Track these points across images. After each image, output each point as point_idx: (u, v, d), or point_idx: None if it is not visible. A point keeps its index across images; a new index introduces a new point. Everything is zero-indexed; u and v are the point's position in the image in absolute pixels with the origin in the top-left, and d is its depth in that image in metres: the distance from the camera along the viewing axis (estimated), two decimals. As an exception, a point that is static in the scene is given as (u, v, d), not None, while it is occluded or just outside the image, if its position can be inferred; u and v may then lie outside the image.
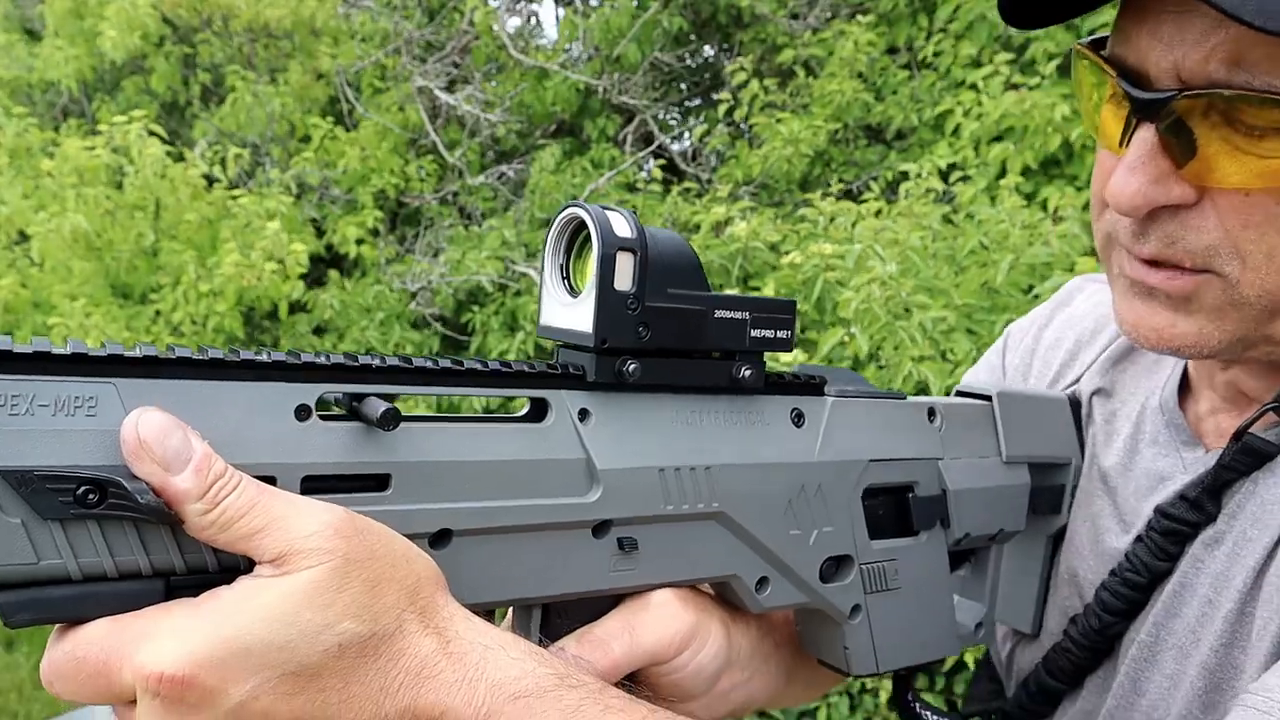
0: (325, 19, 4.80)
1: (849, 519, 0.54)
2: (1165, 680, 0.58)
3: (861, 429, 0.54)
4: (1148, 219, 0.51)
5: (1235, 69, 0.46)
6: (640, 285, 0.44)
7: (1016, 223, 2.62)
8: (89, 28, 4.63)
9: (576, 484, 0.44)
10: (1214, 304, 0.52)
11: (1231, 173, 0.48)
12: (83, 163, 3.78)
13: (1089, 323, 0.73)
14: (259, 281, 3.66)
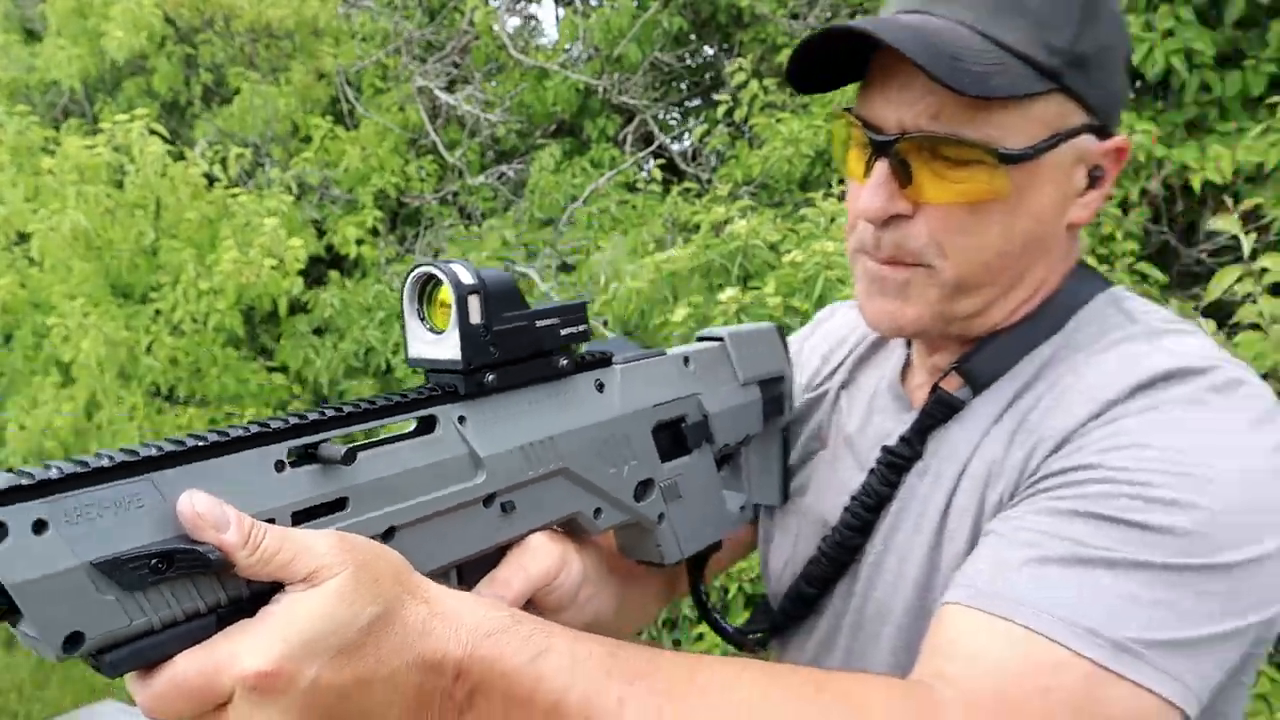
0: (327, 19, 4.81)
1: (646, 452, 0.71)
2: (891, 579, 0.77)
3: (643, 384, 0.71)
4: (882, 228, 0.71)
5: (934, 121, 0.67)
6: (487, 317, 0.58)
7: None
8: (92, 27, 4.63)
9: (467, 472, 0.59)
10: (924, 288, 0.72)
11: (935, 193, 0.69)
12: (83, 161, 3.78)
13: (842, 332, 0.95)
14: (258, 278, 3.66)
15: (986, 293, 0.73)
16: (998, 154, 0.67)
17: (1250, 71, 3.16)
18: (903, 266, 0.72)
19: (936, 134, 0.67)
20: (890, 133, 0.69)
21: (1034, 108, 0.68)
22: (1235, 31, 3.25)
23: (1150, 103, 3.40)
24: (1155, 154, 3.09)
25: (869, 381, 0.88)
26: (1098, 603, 0.59)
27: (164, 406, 3.94)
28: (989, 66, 0.65)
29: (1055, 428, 0.67)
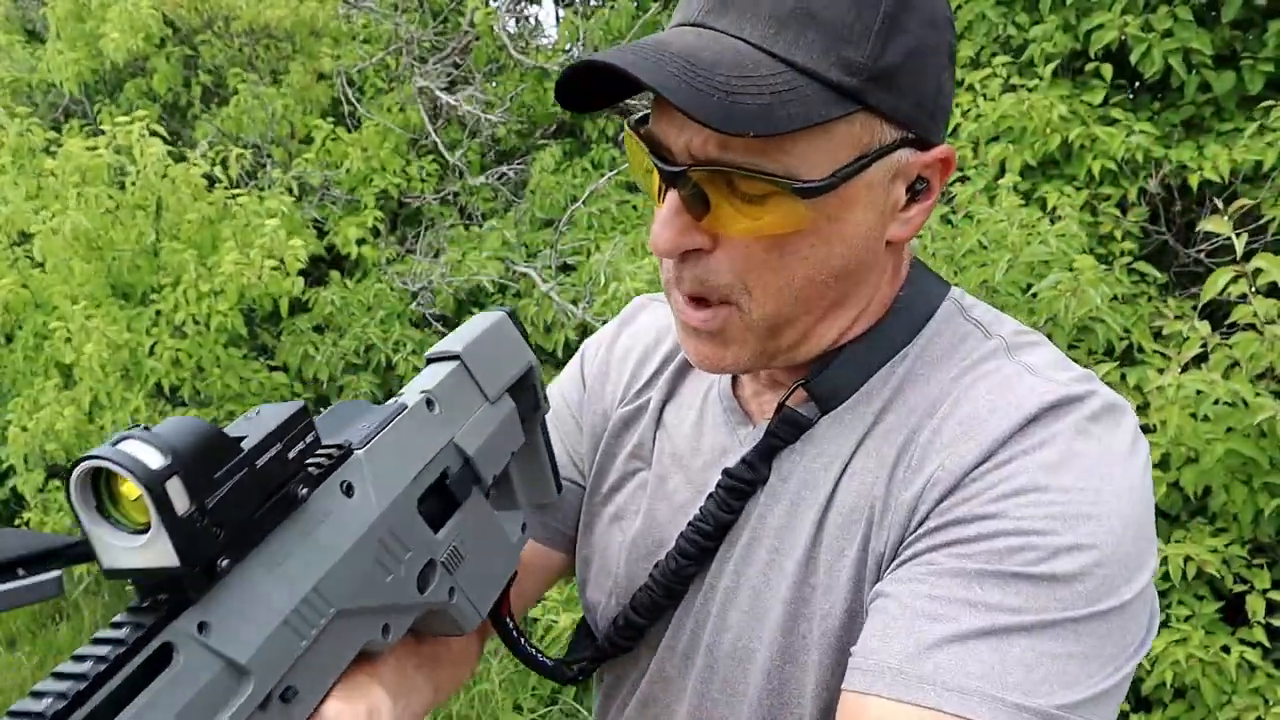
0: (326, 20, 4.82)
1: (418, 536, 0.59)
2: (744, 615, 0.72)
3: (394, 460, 0.58)
4: (682, 261, 0.64)
5: (723, 150, 0.60)
6: (196, 496, 0.44)
7: (1015, 222, 2.63)
8: (91, 29, 4.64)
9: (230, 688, 0.46)
10: (737, 329, 0.66)
11: (734, 226, 0.62)
12: (85, 162, 3.79)
13: (650, 336, 0.87)
14: (259, 279, 3.67)
15: (803, 323, 0.67)
16: (793, 188, 0.60)
17: (1248, 71, 3.17)
18: (709, 309, 0.66)
19: (727, 165, 0.60)
20: (679, 160, 0.62)
21: (836, 130, 0.60)
22: (1232, 32, 3.26)
23: (1148, 103, 3.41)
24: (1153, 154, 3.10)
25: (693, 391, 0.81)
26: (1021, 672, 0.57)
27: (166, 408, 3.95)
28: (774, 95, 0.57)
29: (947, 469, 0.63)
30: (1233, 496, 2.28)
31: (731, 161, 0.60)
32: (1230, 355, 2.23)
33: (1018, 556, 0.59)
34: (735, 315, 0.65)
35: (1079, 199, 2.99)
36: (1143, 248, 3.17)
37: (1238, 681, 2.22)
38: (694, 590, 0.76)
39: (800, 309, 0.66)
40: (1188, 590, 2.40)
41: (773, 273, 0.63)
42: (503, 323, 0.71)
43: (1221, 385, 2.14)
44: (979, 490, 0.61)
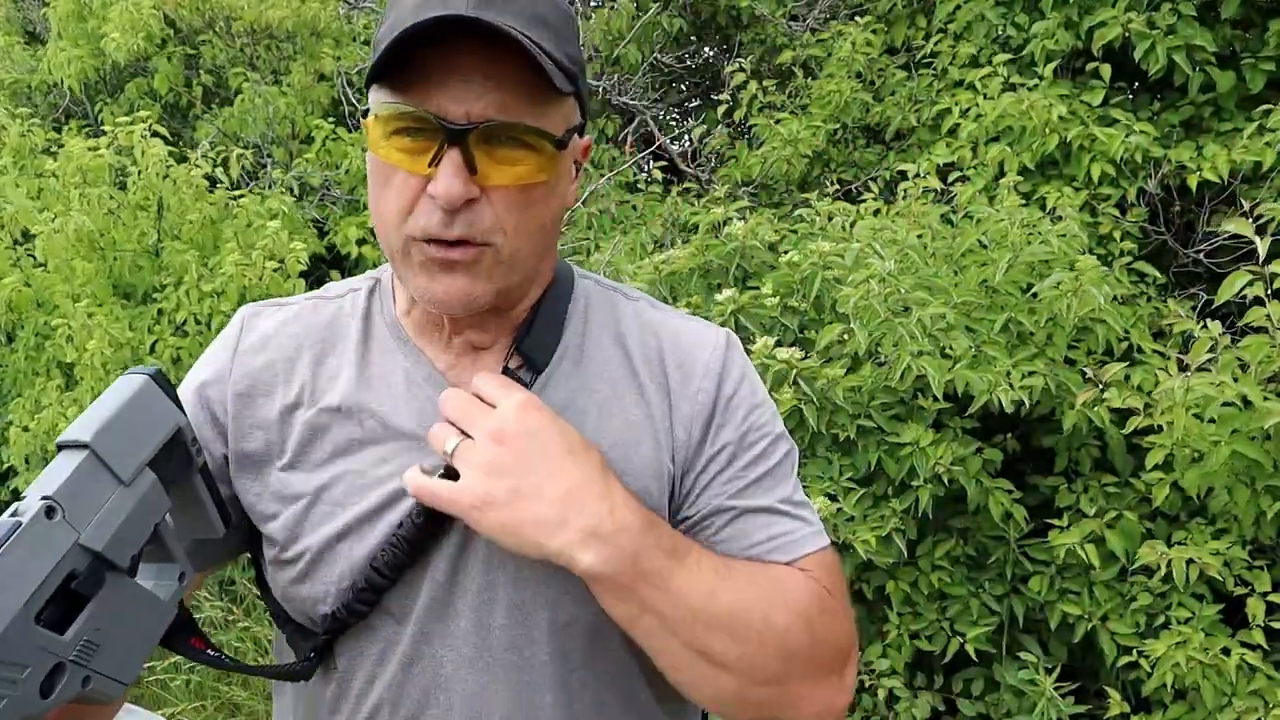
0: (327, 20, 4.82)
1: (38, 651, 0.57)
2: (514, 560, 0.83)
3: (12, 587, 0.56)
4: (453, 212, 0.75)
5: (503, 112, 0.74)
6: None
7: (1015, 221, 2.62)
8: (92, 29, 4.65)
9: None
10: (490, 266, 0.79)
11: (498, 177, 0.75)
12: (86, 163, 3.79)
13: (286, 340, 0.90)
14: (260, 280, 3.67)
15: (530, 266, 0.83)
16: (554, 140, 0.77)
17: (1248, 70, 3.17)
18: (468, 247, 0.77)
19: (508, 123, 0.74)
20: (461, 123, 0.73)
21: (565, 103, 0.79)
22: (1233, 31, 3.26)
23: (1147, 103, 3.41)
24: (1152, 154, 3.10)
25: (383, 378, 0.87)
26: (812, 514, 0.89)
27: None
28: (550, 66, 0.73)
29: (700, 402, 0.87)
30: (1235, 498, 2.27)
31: (510, 120, 0.74)
32: (1239, 357, 2.22)
33: (777, 449, 0.89)
34: (490, 253, 0.78)
35: (1078, 199, 2.99)
36: (1142, 248, 3.17)
37: (1238, 683, 2.22)
38: (446, 542, 0.84)
39: (532, 251, 0.81)
40: (1188, 592, 2.40)
41: (523, 214, 0.78)
42: (144, 389, 0.69)
43: (1231, 388, 2.14)
44: (733, 416, 0.88)
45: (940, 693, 2.67)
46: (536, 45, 0.72)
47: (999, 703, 2.58)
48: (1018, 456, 2.72)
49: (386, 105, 0.75)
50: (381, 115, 0.76)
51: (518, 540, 0.73)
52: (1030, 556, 2.59)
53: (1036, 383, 2.38)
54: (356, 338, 0.89)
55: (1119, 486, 2.59)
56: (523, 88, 0.74)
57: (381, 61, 0.72)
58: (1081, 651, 2.61)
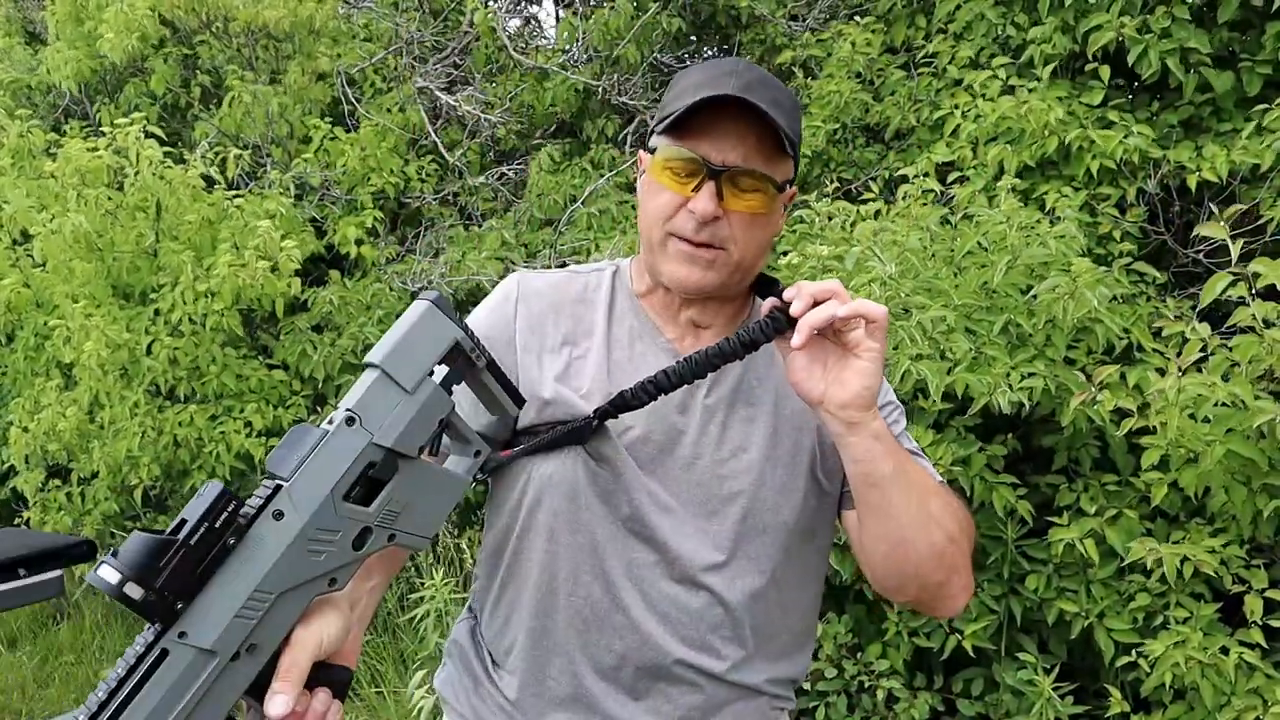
0: (324, 20, 4.81)
1: (347, 519, 0.79)
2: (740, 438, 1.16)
3: (315, 482, 0.77)
4: (704, 224, 1.06)
5: (746, 160, 1.05)
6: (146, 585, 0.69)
7: (1014, 224, 2.63)
8: (89, 30, 4.64)
9: (206, 662, 0.72)
10: (723, 264, 1.09)
11: (738, 205, 1.06)
12: (85, 164, 3.79)
13: (542, 307, 1.18)
14: (254, 280, 3.67)
15: (749, 271, 1.12)
16: (775, 184, 1.07)
17: (1246, 72, 3.17)
18: (710, 249, 1.07)
19: (745, 169, 1.05)
20: (718, 165, 1.05)
21: (784, 162, 1.09)
22: (1230, 33, 3.26)
23: (1146, 103, 3.41)
24: (1151, 155, 3.10)
25: (620, 334, 1.17)
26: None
27: (165, 405, 3.96)
28: (783, 137, 1.04)
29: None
30: (1232, 498, 2.28)
31: (751, 167, 1.06)
32: (1230, 357, 2.22)
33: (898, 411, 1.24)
34: (723, 255, 1.08)
35: (1078, 200, 2.99)
36: (1141, 248, 3.17)
37: (1236, 682, 2.22)
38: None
39: (753, 260, 1.11)
40: (1185, 591, 2.41)
41: (751, 233, 1.08)
42: (425, 314, 0.85)
43: (1222, 388, 2.14)
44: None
45: (940, 693, 2.68)
46: (776, 121, 1.02)
47: (998, 703, 2.59)
48: (1019, 456, 2.73)
49: (671, 147, 1.07)
50: (666, 154, 1.08)
51: (871, 380, 0.97)
52: (1028, 556, 2.60)
53: (1036, 384, 2.39)
54: (604, 307, 1.18)
55: (1119, 486, 2.60)
56: (761, 147, 1.05)
57: (677, 120, 1.04)
58: (1080, 651, 2.61)
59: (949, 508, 1.06)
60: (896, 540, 1.03)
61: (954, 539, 1.04)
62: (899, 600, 1.13)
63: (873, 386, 0.98)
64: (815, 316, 0.96)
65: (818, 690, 2.66)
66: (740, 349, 1.03)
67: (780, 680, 1.18)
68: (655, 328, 1.17)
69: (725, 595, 1.11)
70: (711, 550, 1.11)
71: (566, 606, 1.11)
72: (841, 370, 0.99)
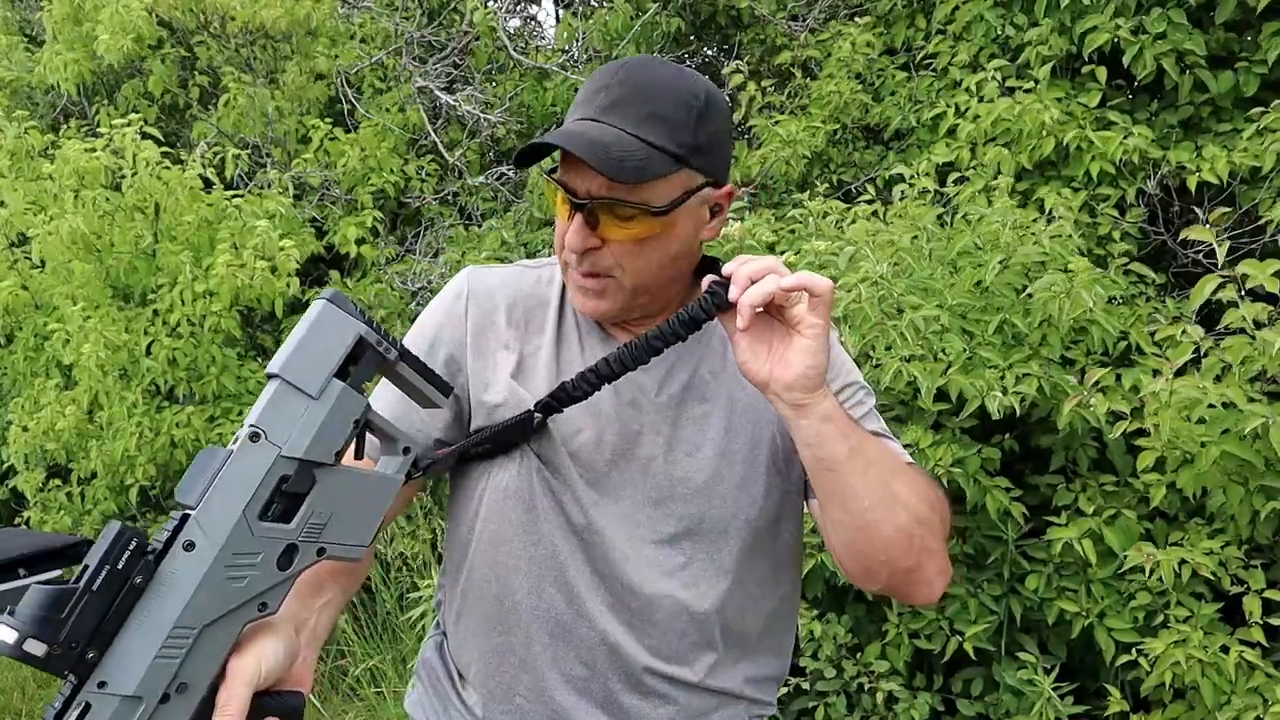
0: (321, 19, 4.80)
1: (265, 539, 0.75)
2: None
3: (222, 506, 0.73)
4: (583, 254, 1.03)
5: (608, 190, 0.99)
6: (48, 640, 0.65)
7: (1008, 223, 2.63)
8: (86, 31, 4.64)
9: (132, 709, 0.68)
10: (614, 292, 1.05)
11: (614, 233, 1.01)
12: (82, 165, 3.79)
13: (508, 292, 1.16)
14: (252, 281, 3.67)
15: (657, 291, 1.08)
16: (650, 211, 1.00)
17: (1243, 73, 3.17)
18: (596, 278, 1.04)
19: (610, 199, 0.99)
20: (582, 197, 1.00)
21: (673, 178, 1.00)
22: (1227, 34, 3.26)
23: (1145, 103, 3.41)
24: (1151, 155, 3.10)
25: (568, 330, 1.14)
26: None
27: (164, 405, 3.96)
28: (640, 160, 0.97)
29: None
30: (1229, 498, 2.28)
31: (614, 197, 1.00)
32: (1222, 359, 2.22)
33: (863, 395, 1.19)
34: (613, 283, 1.05)
35: (1077, 200, 2.99)
36: (1141, 248, 3.17)
37: (1237, 682, 2.22)
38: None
39: (654, 281, 1.06)
40: (1186, 591, 2.41)
41: (637, 259, 1.04)
42: (323, 313, 0.80)
43: (1214, 390, 2.14)
44: (836, 372, 1.16)
45: (940, 693, 2.68)
46: (641, 140, 0.98)
47: (998, 703, 2.59)
48: (1016, 456, 2.73)
49: (550, 177, 1.04)
50: (550, 178, 1.04)
51: (814, 358, 0.93)
52: (1028, 555, 2.60)
53: (1031, 385, 2.39)
54: (555, 303, 1.15)
55: (1117, 486, 2.60)
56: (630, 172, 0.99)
57: (528, 151, 1.01)
58: (1080, 651, 2.61)
59: (915, 488, 1.01)
60: (858, 525, 0.98)
61: (923, 520, 0.99)
62: (871, 588, 1.09)
63: (817, 365, 0.93)
64: (754, 294, 0.90)
65: (817, 690, 2.66)
66: (681, 328, 0.98)
67: (759, 680, 1.16)
68: (601, 328, 1.13)
69: (688, 600, 1.08)
70: (671, 554, 1.08)
71: (530, 620, 1.08)
72: (785, 350, 0.94)
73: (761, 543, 1.11)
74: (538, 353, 1.11)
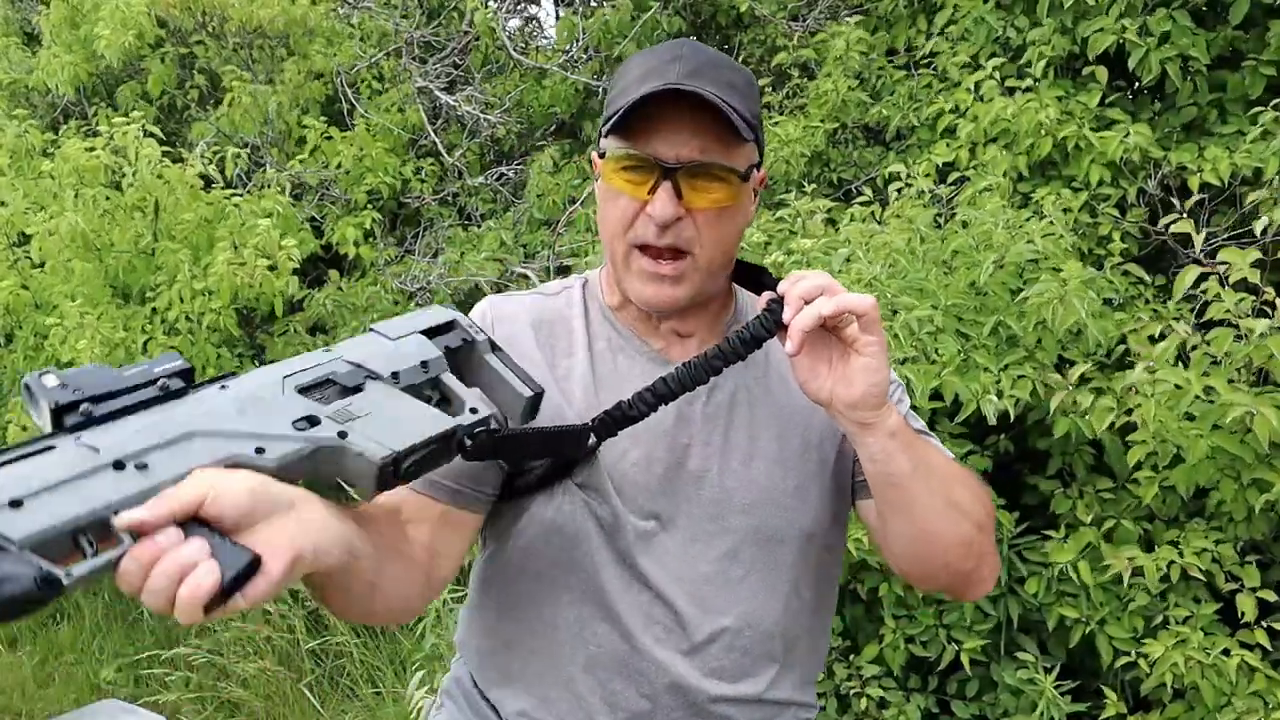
0: (318, 19, 4.81)
1: (293, 402, 0.79)
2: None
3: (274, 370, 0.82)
4: (664, 227, 0.98)
5: (703, 154, 0.97)
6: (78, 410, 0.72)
7: (1000, 223, 2.61)
8: (85, 33, 4.65)
9: (89, 458, 0.68)
10: (690, 273, 1.02)
11: (699, 202, 0.99)
12: (82, 164, 3.80)
13: (531, 315, 1.12)
14: (252, 279, 3.67)
15: (719, 272, 1.05)
16: (739, 174, 1.00)
17: (1249, 73, 3.15)
18: (674, 260, 1.01)
19: (703, 162, 0.98)
20: (672, 163, 0.97)
21: (745, 148, 1.01)
22: (1234, 33, 3.24)
23: (1147, 104, 3.40)
24: (1152, 155, 3.08)
25: (600, 349, 1.10)
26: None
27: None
28: (741, 120, 0.96)
29: None
30: (1224, 494, 2.27)
31: (709, 160, 0.98)
32: (1209, 352, 2.21)
33: (902, 391, 1.19)
34: (689, 262, 1.01)
35: (1076, 200, 2.98)
36: (1142, 249, 3.15)
37: (1237, 683, 2.21)
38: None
39: (723, 259, 1.04)
40: (1186, 592, 2.39)
41: (716, 229, 1.01)
42: (431, 306, 0.94)
43: (1198, 381, 2.13)
44: None
45: (935, 693, 2.66)
46: (729, 106, 0.95)
47: (996, 702, 2.57)
48: (1013, 457, 2.71)
49: (620, 148, 1.00)
50: (615, 155, 1.00)
51: (876, 375, 0.92)
52: (1025, 558, 2.58)
53: (1025, 387, 2.38)
54: (581, 322, 1.11)
55: (1114, 491, 2.58)
56: (717, 137, 0.97)
57: (620, 118, 0.96)
58: (1080, 651, 2.60)
59: (973, 492, 1.02)
60: (923, 536, 0.99)
61: (981, 525, 1.00)
62: (925, 588, 1.14)
63: (879, 383, 0.92)
64: (803, 320, 0.90)
65: (813, 692, 2.65)
66: (742, 346, 0.97)
67: (806, 684, 1.15)
68: (638, 338, 1.10)
69: (751, 614, 1.05)
70: (730, 567, 1.04)
71: (579, 657, 1.04)
72: (845, 367, 0.93)
73: (815, 547, 1.10)
74: (570, 374, 1.07)
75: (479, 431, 0.87)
